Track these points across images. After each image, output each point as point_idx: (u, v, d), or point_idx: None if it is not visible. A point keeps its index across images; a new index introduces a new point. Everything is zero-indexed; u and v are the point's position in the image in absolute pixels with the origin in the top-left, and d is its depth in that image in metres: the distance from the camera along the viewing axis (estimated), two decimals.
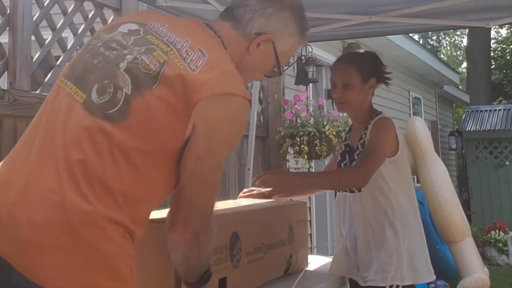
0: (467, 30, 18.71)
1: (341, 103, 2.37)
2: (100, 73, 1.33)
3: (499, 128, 11.36)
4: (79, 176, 1.23)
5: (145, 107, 1.28)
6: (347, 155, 2.41)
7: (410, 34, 8.33)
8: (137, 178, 1.28)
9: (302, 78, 5.27)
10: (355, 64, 2.36)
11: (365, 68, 2.36)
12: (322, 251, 5.99)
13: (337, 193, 2.50)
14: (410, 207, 2.34)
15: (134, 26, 1.42)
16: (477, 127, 11.61)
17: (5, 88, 2.63)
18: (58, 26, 2.97)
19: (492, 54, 18.76)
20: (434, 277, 2.34)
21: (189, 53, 1.34)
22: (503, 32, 22.65)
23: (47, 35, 2.92)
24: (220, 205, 2.14)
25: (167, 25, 1.42)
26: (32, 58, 2.79)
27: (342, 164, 2.41)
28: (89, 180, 1.23)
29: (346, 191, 2.38)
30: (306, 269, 2.45)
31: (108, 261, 1.22)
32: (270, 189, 2.40)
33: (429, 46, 27.75)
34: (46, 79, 2.88)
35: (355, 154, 2.35)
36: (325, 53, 6.21)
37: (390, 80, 2.45)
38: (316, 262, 2.66)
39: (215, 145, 1.35)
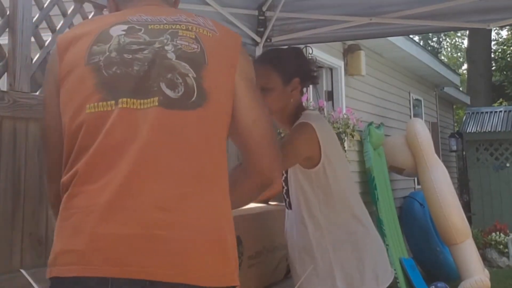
0: (467, 32, 18.71)
1: None
2: (156, 72, 1.28)
3: (499, 129, 11.35)
4: (208, 179, 1.25)
5: (212, 82, 1.31)
6: None
7: (411, 36, 8.33)
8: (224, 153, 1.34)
9: None
10: (273, 64, 2.06)
11: (286, 67, 2.06)
12: None
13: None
14: (345, 220, 2.06)
15: (123, 27, 1.37)
16: (477, 129, 11.60)
17: (5, 89, 2.62)
18: (58, 28, 2.96)
19: (492, 55, 18.77)
20: (391, 279, 2.10)
21: (196, 19, 1.41)
22: (504, 33, 22.68)
23: (47, 37, 2.91)
24: None
25: (143, 14, 1.41)
26: (32, 60, 2.78)
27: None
28: (213, 178, 1.26)
29: (286, 206, 2.15)
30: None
31: (230, 252, 1.24)
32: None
33: (429, 48, 27.75)
34: None
35: None
36: (326, 55, 6.20)
37: (317, 78, 2.16)
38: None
39: (258, 96, 1.45)
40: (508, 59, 19.28)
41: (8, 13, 2.65)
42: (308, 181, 2.03)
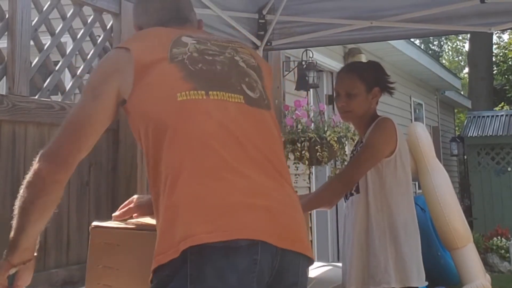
0: (468, 35, 18.71)
1: (345, 112, 2.41)
2: (235, 74, 1.50)
3: (501, 133, 11.32)
4: (284, 172, 1.46)
5: (269, 94, 1.56)
6: None
7: (412, 39, 8.32)
8: None
9: (302, 84, 5.25)
10: (358, 74, 2.39)
11: (368, 77, 2.39)
12: (323, 258, 5.97)
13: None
14: (403, 209, 2.31)
15: (190, 39, 1.54)
16: (479, 133, 11.58)
17: (4, 93, 2.61)
18: (57, 31, 2.95)
19: (494, 59, 18.73)
20: (425, 283, 2.33)
21: (232, 41, 1.63)
22: (505, 37, 22.69)
23: (46, 40, 2.90)
24: None
25: (193, 34, 1.59)
26: (31, 63, 2.77)
27: None
28: (285, 171, 1.47)
29: (352, 191, 2.38)
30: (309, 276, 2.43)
31: None
32: None
33: (430, 51, 27.76)
34: (45, 84, 2.86)
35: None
36: (326, 58, 6.19)
37: (393, 89, 2.47)
38: (316, 269, 2.64)
39: None
40: (510, 62, 19.25)
41: (7, 16, 2.64)
42: (379, 168, 2.28)
